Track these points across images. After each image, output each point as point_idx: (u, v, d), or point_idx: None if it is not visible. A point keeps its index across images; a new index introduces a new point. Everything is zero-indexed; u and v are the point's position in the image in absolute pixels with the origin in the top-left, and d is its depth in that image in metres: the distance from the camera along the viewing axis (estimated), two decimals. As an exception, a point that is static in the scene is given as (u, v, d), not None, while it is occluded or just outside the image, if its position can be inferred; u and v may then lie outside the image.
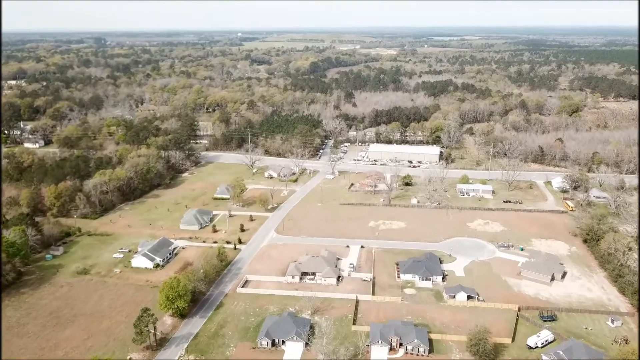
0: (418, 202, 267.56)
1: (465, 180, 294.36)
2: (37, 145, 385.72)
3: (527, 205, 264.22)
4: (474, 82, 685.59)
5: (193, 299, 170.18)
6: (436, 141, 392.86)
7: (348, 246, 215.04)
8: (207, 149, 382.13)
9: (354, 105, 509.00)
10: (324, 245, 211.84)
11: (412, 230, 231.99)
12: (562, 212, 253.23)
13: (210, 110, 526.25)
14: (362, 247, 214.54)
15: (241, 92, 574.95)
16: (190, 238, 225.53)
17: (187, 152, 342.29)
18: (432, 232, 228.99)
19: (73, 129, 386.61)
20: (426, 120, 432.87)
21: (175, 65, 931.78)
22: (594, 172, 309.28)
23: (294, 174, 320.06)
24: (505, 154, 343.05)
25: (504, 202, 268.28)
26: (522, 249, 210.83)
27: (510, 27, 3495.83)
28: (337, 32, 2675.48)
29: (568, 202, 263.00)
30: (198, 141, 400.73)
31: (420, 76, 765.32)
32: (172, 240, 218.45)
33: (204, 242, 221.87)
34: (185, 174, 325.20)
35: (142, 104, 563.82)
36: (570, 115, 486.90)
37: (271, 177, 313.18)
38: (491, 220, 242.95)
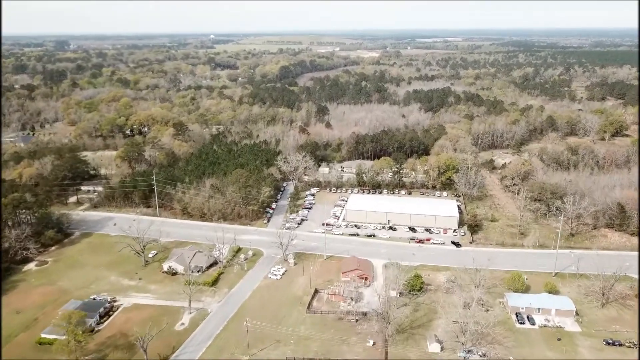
0: (442, 348, 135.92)
1: (519, 284, 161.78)
2: None
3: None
4: (476, 89, 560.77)
5: None
6: (447, 185, 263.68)
7: None
8: (95, 206, 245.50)
9: (328, 125, 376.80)
10: None
11: None
12: None
13: (136, 133, 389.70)
14: None
15: (181, 107, 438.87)
16: None
17: (42, 224, 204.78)
18: None
19: None
20: (427, 152, 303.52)
21: (121, 70, 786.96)
22: None
23: (216, 263, 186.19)
24: (561, 212, 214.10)
25: (607, 344, 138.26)
26: None
27: (490, 29, 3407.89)
28: (317, 34, 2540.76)
29: None
30: (90, 189, 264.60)
31: (409, 83, 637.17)
32: None
33: None
34: (30, 266, 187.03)
35: (48, 125, 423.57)
36: (614, 137, 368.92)
37: (174, 274, 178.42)
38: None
